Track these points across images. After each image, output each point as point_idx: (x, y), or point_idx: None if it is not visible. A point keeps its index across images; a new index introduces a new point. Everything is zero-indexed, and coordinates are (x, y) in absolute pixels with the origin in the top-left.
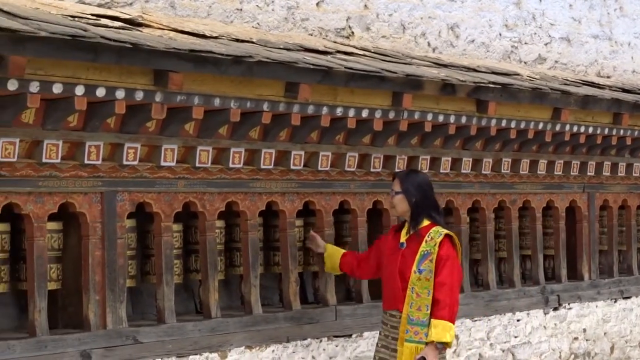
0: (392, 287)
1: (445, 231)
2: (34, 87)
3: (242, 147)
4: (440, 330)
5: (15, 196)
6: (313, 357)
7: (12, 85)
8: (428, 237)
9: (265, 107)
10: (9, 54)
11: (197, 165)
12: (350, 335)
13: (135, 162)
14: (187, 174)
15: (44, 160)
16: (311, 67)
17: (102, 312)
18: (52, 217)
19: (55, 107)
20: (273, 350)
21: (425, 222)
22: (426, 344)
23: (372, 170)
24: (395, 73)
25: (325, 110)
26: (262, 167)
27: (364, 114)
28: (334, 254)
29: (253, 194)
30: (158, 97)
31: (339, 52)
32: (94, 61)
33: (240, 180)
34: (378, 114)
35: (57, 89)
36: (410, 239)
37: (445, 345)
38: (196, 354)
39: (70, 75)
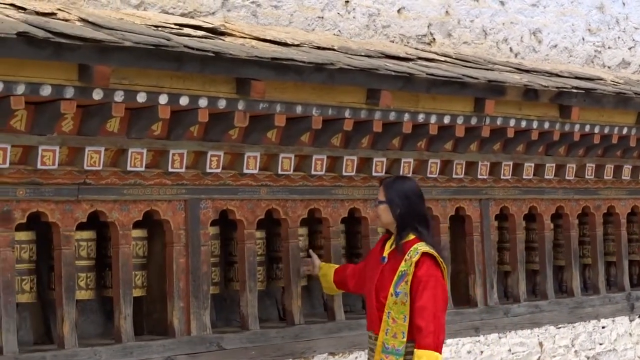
0: (369, 306)
1: (425, 249)
2: (119, 96)
3: (324, 154)
4: None
5: (101, 204)
6: None
7: (97, 95)
8: (408, 255)
9: (347, 114)
10: (94, 64)
11: (280, 172)
12: None
13: (219, 170)
14: (270, 182)
15: (128, 168)
16: (393, 73)
17: (186, 318)
18: (136, 225)
19: (140, 115)
20: (356, 357)
21: (411, 237)
22: None
23: (454, 176)
24: (477, 79)
25: (406, 116)
26: (344, 174)
27: (446, 120)
28: (327, 272)
29: (335, 200)
30: (240, 105)
31: (420, 58)
32: (177, 70)
33: (323, 187)
34: (460, 120)
35: (141, 98)
36: (392, 254)
37: None
38: None
39: (154, 84)
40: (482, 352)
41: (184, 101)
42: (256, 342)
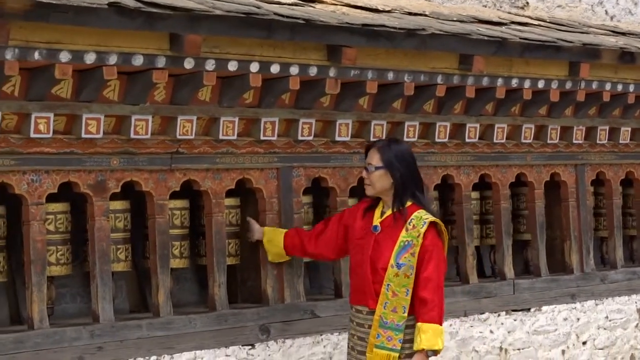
0: (360, 278)
1: (431, 218)
2: (210, 65)
3: (416, 120)
4: (431, 335)
5: (194, 173)
6: (491, 332)
7: (189, 64)
8: (409, 224)
9: (439, 79)
10: (185, 33)
11: (372, 139)
12: (528, 309)
13: (310, 138)
14: (362, 149)
15: (220, 137)
16: (485, 38)
17: (280, 286)
18: (229, 193)
19: (231, 84)
20: (451, 324)
21: (408, 203)
22: (402, 351)
23: (549, 142)
24: (572, 42)
25: (500, 81)
26: (437, 140)
27: (540, 84)
28: (274, 237)
29: (428, 167)
30: (332, 72)
31: (513, 22)
32: (268, 38)
33: (415, 153)
34: (554, 85)
35: (232, 66)
36: (386, 223)
37: (435, 352)
38: None
39: (245, 53)
40: (578, 319)
41: (275, 69)
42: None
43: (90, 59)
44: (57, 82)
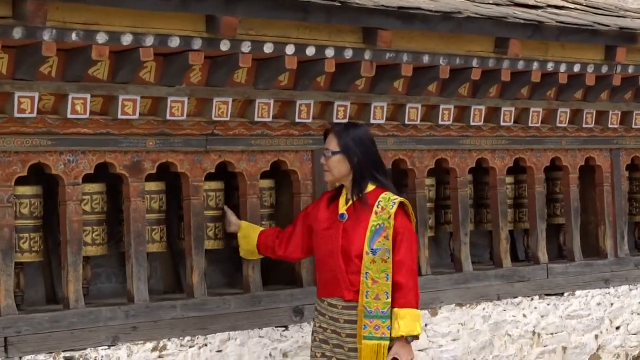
0: (332, 269)
1: (399, 198)
2: (246, 47)
3: (451, 103)
4: (409, 320)
5: (229, 154)
6: (524, 315)
7: (225, 46)
8: (377, 206)
9: (474, 63)
10: (222, 14)
11: (407, 122)
12: (562, 294)
13: (345, 120)
14: (397, 132)
15: (256, 119)
16: (521, 21)
17: (314, 268)
18: (264, 175)
19: (266, 66)
20: (483, 308)
21: (370, 187)
22: (392, 339)
23: (584, 126)
24: (608, 26)
25: (535, 65)
26: (472, 123)
27: (576, 68)
28: (249, 234)
29: (463, 150)
30: (367, 55)
31: (549, 5)
32: (303, 20)
33: (450, 137)
34: (590, 69)
35: (268, 48)
36: (352, 209)
37: (414, 337)
38: None
39: (280, 35)
40: (612, 304)
41: (310, 51)
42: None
43: (126, 40)
44: (93, 63)
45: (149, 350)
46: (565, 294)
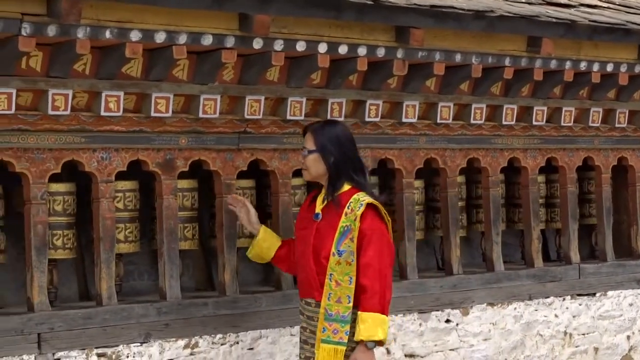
0: (304, 270)
1: (368, 199)
2: (278, 45)
3: (483, 102)
4: (371, 325)
5: (261, 153)
6: (556, 316)
7: (257, 44)
8: (348, 207)
9: (507, 62)
10: (255, 13)
11: (439, 121)
12: (594, 294)
13: (377, 119)
14: (429, 130)
15: (288, 117)
16: (554, 20)
17: None
18: (296, 173)
19: (299, 64)
20: (515, 308)
21: (346, 187)
22: (349, 344)
23: (617, 125)
24: None
25: (568, 64)
26: (504, 123)
27: (609, 68)
28: (271, 245)
29: (495, 150)
30: (399, 54)
31: (582, 4)
32: (336, 18)
33: (482, 136)
34: (623, 68)
35: (300, 46)
36: (327, 209)
37: (377, 343)
38: (438, 310)
39: (313, 33)
40: None
41: (342, 50)
42: (415, 292)
43: (160, 38)
44: (127, 61)
45: (181, 348)
46: (597, 295)
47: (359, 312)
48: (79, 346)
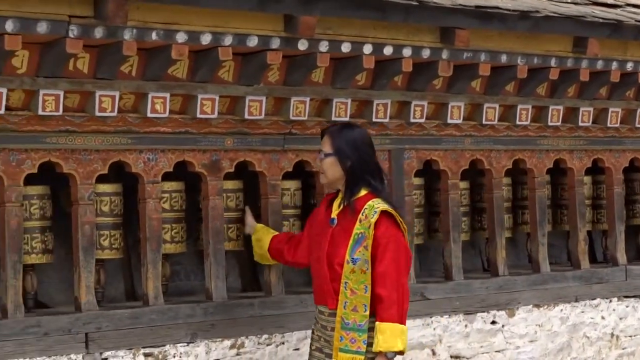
0: (318, 276)
1: (383, 207)
2: (324, 46)
3: (529, 103)
4: (389, 336)
5: (306, 154)
6: (602, 318)
7: (303, 45)
8: (362, 214)
9: (552, 62)
10: (300, 14)
11: (484, 122)
12: None
13: (422, 120)
14: (474, 132)
15: (333, 118)
16: (600, 20)
17: None
18: None
19: (344, 65)
20: (561, 310)
21: (362, 192)
22: (366, 355)
23: None
24: None
25: (614, 65)
26: (550, 124)
27: None
28: (262, 237)
29: (540, 151)
30: (444, 55)
31: (629, 4)
32: (381, 20)
33: (528, 137)
34: None
35: (345, 48)
36: (342, 214)
37: (397, 353)
38: (483, 312)
39: (358, 34)
40: None
41: (387, 51)
42: (460, 293)
43: (206, 39)
44: (173, 63)
45: (227, 348)
46: None
47: (377, 323)
48: (126, 346)
